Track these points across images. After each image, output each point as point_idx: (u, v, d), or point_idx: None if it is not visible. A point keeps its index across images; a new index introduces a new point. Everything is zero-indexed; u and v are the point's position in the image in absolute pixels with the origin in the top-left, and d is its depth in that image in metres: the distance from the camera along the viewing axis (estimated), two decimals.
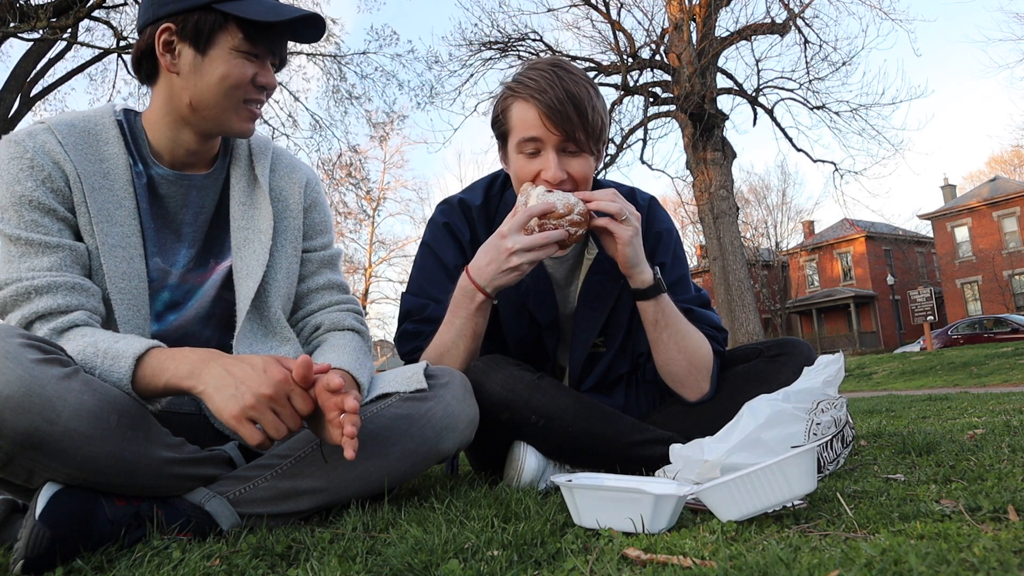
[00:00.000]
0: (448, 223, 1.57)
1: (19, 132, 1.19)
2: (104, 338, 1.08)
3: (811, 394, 1.23)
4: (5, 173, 1.16)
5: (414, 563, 0.83)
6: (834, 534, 0.86)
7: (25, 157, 1.16)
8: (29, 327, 1.10)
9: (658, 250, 1.58)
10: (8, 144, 1.17)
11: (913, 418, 2.84)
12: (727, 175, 14.23)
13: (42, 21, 10.17)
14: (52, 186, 1.17)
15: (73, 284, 1.14)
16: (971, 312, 29.60)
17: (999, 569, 0.66)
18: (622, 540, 0.90)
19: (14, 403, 0.89)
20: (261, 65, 1.26)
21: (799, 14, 14.17)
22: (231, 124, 1.27)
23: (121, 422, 1.00)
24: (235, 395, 0.98)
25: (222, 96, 1.23)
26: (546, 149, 1.41)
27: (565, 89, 1.38)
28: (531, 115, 1.40)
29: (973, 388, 8.12)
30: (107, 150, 1.24)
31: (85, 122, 1.24)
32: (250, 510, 1.11)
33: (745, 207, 33.38)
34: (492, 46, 15.19)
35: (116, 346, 1.05)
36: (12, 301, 1.11)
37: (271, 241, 1.34)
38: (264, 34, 1.23)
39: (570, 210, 1.34)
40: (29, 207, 1.15)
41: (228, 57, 1.22)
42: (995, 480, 1.09)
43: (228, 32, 1.21)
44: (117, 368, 1.03)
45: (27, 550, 0.89)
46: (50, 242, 1.15)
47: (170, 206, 1.31)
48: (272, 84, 1.28)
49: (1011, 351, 12.03)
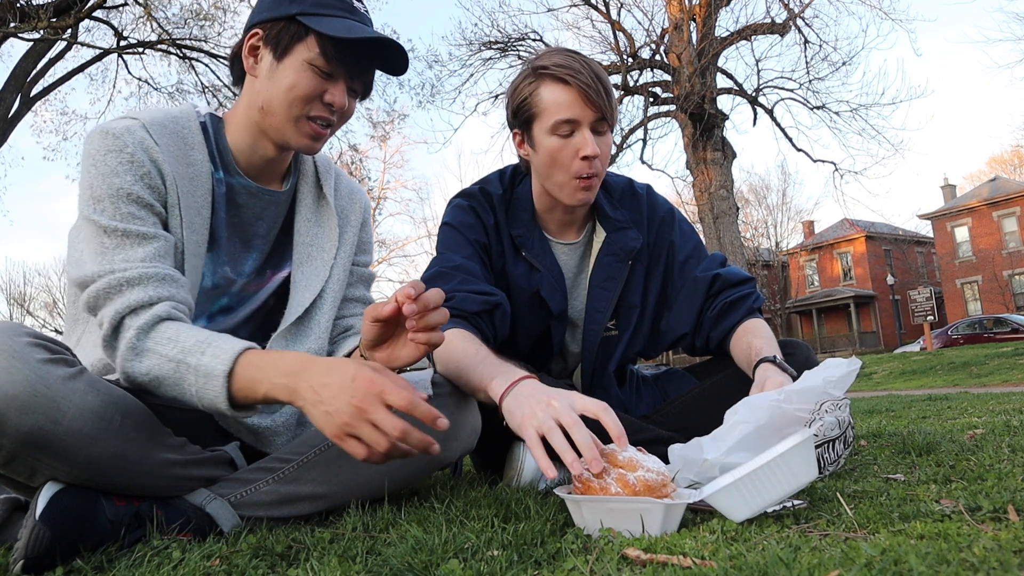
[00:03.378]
0: (473, 206, 1.59)
1: (114, 126, 1.16)
2: (191, 348, 1.04)
3: (813, 394, 1.21)
4: (102, 165, 1.13)
5: (414, 563, 0.83)
6: (834, 534, 0.86)
7: (125, 151, 1.14)
8: (120, 325, 1.08)
9: (663, 230, 1.67)
10: (104, 136, 1.15)
11: (913, 418, 2.84)
12: (727, 175, 14.23)
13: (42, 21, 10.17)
14: (150, 183, 1.16)
15: (164, 275, 1.12)
16: (971, 312, 29.61)
17: (999, 569, 0.66)
18: (622, 540, 0.90)
19: (19, 403, 0.89)
20: (333, 83, 1.24)
21: (799, 14, 14.18)
22: (291, 136, 1.26)
23: (125, 423, 1.00)
24: (329, 412, 0.96)
25: (286, 106, 1.23)
26: (581, 128, 1.44)
27: (594, 70, 1.43)
28: (566, 96, 1.43)
29: (973, 388, 8.12)
30: (193, 155, 1.24)
31: (174, 123, 1.24)
32: (251, 513, 1.11)
33: (745, 207, 33.40)
34: (492, 46, 15.19)
35: (204, 361, 1.03)
36: (104, 294, 1.09)
37: (333, 259, 1.39)
38: (341, 53, 1.21)
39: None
40: (127, 200, 1.13)
41: (300, 68, 1.22)
42: (995, 480, 1.09)
43: (306, 44, 1.21)
44: (211, 387, 1.02)
45: (27, 550, 0.89)
46: (147, 232, 1.13)
47: (245, 217, 1.33)
48: (340, 104, 1.26)
49: (1011, 351, 12.03)
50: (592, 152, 1.43)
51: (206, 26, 13.67)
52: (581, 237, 1.65)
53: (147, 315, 1.08)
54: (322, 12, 1.22)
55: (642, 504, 0.93)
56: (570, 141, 1.45)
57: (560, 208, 1.59)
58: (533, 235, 1.59)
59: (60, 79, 13.64)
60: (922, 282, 33.22)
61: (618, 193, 1.68)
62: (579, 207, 1.57)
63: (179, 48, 13.29)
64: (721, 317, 1.59)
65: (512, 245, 1.58)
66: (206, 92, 14.73)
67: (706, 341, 1.63)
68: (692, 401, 1.64)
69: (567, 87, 1.42)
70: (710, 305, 1.62)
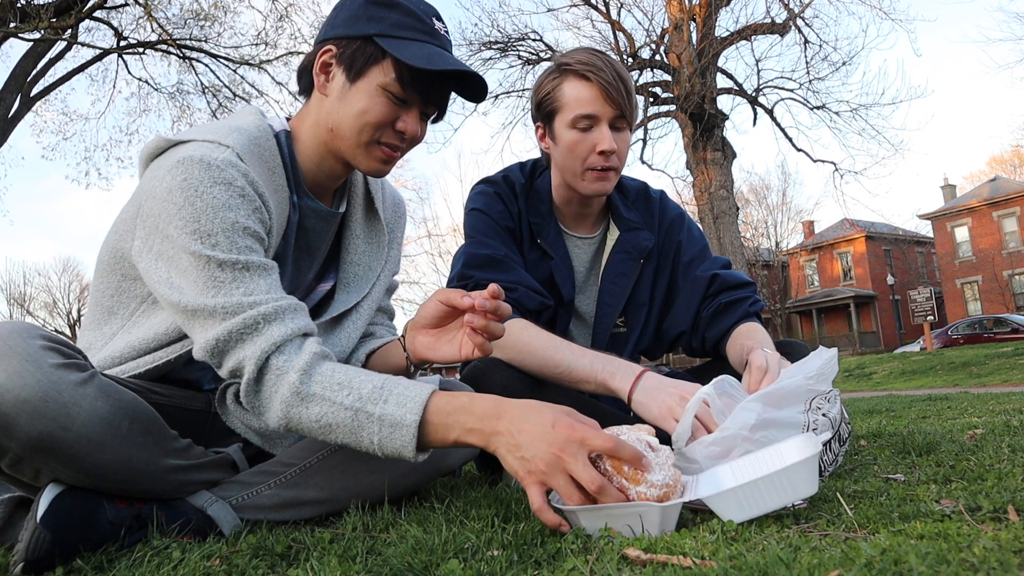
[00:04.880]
0: (499, 193, 1.65)
1: (214, 157, 1.07)
2: (369, 395, 1.00)
3: (798, 395, 1.17)
4: (210, 198, 1.05)
5: (414, 563, 0.83)
6: (834, 534, 0.86)
7: (235, 185, 1.07)
8: (265, 366, 1.02)
9: (672, 232, 1.74)
10: (206, 168, 1.06)
11: (913, 418, 2.84)
12: (727, 175, 14.23)
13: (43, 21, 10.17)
14: (261, 217, 1.12)
15: (295, 306, 1.07)
16: (971, 312, 29.61)
17: (999, 569, 0.66)
18: (622, 540, 0.90)
19: (30, 407, 0.88)
20: (407, 111, 1.19)
21: (799, 14, 14.18)
22: (360, 160, 1.22)
23: (132, 428, 0.99)
24: (526, 459, 0.93)
25: (356, 130, 1.18)
26: (600, 124, 1.51)
27: (616, 69, 1.51)
28: (588, 92, 1.50)
29: (973, 388, 8.13)
30: (276, 181, 1.19)
31: (258, 148, 1.17)
32: (252, 516, 1.11)
33: (745, 207, 33.39)
34: (492, 46, 15.20)
35: (388, 411, 0.99)
36: (239, 334, 1.02)
37: (376, 278, 1.38)
38: (417, 81, 1.16)
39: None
40: (243, 234, 1.07)
41: (374, 93, 1.16)
42: (995, 480, 1.09)
43: (381, 68, 1.16)
44: (398, 438, 0.98)
45: (27, 553, 0.89)
46: (265, 264, 1.08)
47: (311, 240, 1.30)
48: (413, 132, 1.21)
49: (1011, 351, 12.03)
50: (609, 147, 1.49)
51: (206, 26, 13.70)
52: (596, 233, 1.71)
53: (305, 356, 1.02)
54: (402, 35, 1.16)
55: (639, 507, 0.93)
56: (588, 135, 1.51)
57: (577, 200, 1.64)
58: (549, 225, 1.65)
59: (60, 79, 13.66)
60: (922, 282, 33.22)
61: (632, 195, 1.75)
62: (595, 199, 1.62)
63: (179, 48, 13.30)
64: (716, 318, 1.61)
65: (529, 232, 1.63)
66: (206, 92, 14.74)
67: (702, 342, 1.64)
68: None
69: (588, 83, 1.49)
70: (707, 305, 1.64)
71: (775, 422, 1.15)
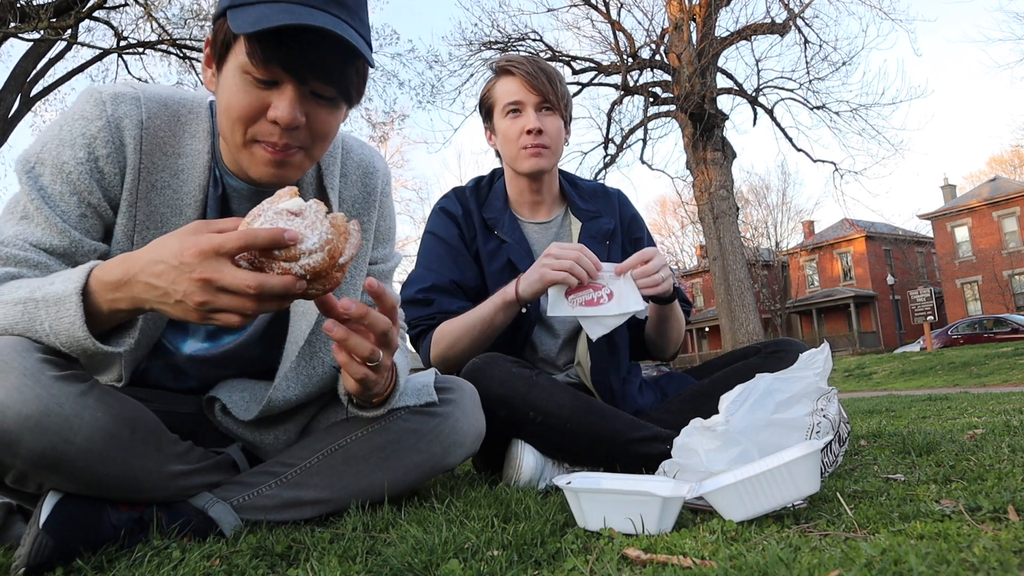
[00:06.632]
0: (444, 207, 1.81)
1: (107, 90, 1.00)
2: (38, 285, 0.90)
3: (809, 393, 1.18)
4: (67, 128, 0.99)
5: (414, 563, 0.83)
6: (834, 534, 0.86)
7: (95, 123, 0.98)
8: None
9: (633, 228, 1.91)
10: (88, 97, 1.00)
11: (913, 418, 2.84)
12: (727, 175, 14.23)
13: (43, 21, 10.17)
14: (102, 169, 1.01)
15: (37, 263, 0.98)
16: (971, 312, 29.60)
17: (999, 569, 0.66)
18: (622, 540, 0.90)
19: (32, 423, 0.87)
20: (278, 92, 0.97)
21: (799, 14, 14.19)
22: (248, 167, 1.03)
23: (134, 437, 0.98)
24: (180, 302, 0.83)
25: (230, 131, 1.00)
26: (526, 109, 1.72)
27: (538, 63, 1.74)
28: (513, 84, 1.72)
29: (973, 388, 8.13)
30: (190, 145, 1.06)
31: (177, 105, 1.06)
32: (253, 516, 1.11)
33: (745, 207, 33.39)
34: (492, 46, 15.20)
35: (53, 289, 0.88)
36: None
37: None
38: (273, 51, 0.93)
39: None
40: (65, 179, 0.99)
41: (237, 79, 0.97)
42: (995, 480, 1.09)
43: (237, 47, 0.96)
44: (66, 313, 0.87)
45: (29, 558, 0.89)
46: (56, 225, 0.99)
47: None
48: (288, 120, 0.96)
49: (1011, 351, 12.02)
50: (534, 126, 1.69)
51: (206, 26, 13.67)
52: (553, 218, 1.84)
53: None
54: (250, 0, 0.94)
55: (640, 497, 0.94)
56: (518, 120, 1.73)
57: (527, 188, 1.80)
58: (504, 216, 1.80)
59: (60, 79, 13.65)
60: (922, 282, 33.21)
61: (588, 192, 1.91)
62: (543, 184, 1.80)
63: (179, 48, 13.28)
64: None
65: (484, 227, 1.78)
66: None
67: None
68: (690, 398, 1.65)
69: (513, 77, 1.73)
70: None
71: (781, 422, 1.15)
